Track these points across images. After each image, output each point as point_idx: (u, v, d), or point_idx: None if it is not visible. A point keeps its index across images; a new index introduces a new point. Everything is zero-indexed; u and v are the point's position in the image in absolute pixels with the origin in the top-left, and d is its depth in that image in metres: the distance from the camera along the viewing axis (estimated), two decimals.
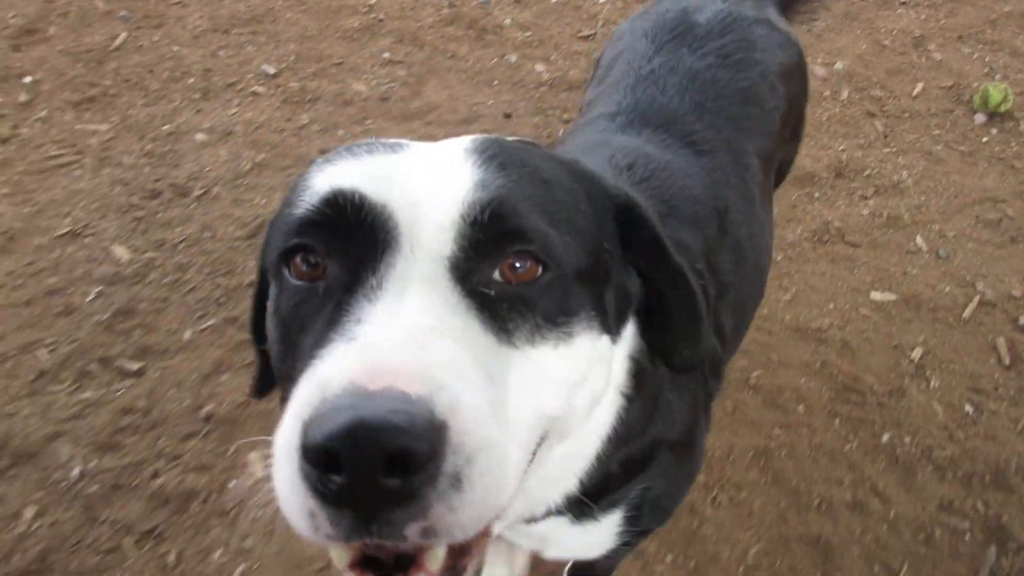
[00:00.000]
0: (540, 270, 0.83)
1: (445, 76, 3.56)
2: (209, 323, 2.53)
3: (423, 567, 0.76)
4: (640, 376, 1.11)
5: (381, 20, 3.82)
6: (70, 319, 2.51)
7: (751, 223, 1.61)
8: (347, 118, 3.32)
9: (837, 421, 2.30)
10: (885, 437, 2.26)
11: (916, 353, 2.49)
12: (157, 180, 3.00)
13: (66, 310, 2.54)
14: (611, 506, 1.23)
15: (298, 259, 0.85)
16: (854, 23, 3.92)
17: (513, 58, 3.66)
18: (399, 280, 0.79)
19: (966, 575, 2.01)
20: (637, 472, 1.21)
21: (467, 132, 3.18)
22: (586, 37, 3.79)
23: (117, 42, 3.57)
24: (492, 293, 0.81)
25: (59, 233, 2.78)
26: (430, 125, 3.31)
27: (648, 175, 1.43)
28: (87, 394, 2.32)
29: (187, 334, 2.49)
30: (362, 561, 0.76)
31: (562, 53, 3.69)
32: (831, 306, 2.62)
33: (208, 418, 2.27)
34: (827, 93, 3.50)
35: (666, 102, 1.60)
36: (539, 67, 3.61)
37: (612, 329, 0.96)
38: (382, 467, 0.63)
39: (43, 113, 3.23)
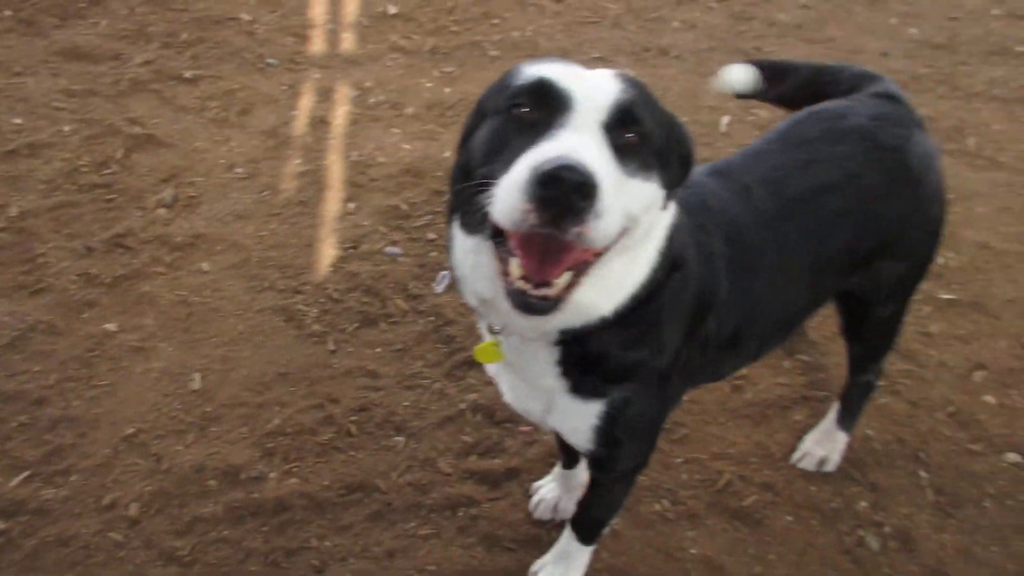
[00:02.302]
0: (642, 141, 1.33)
1: (842, 22, 5.00)
2: None
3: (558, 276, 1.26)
4: (671, 242, 1.53)
5: None
6: None
7: (776, 278, 1.89)
8: (772, 34, 4.85)
9: None
10: None
11: None
12: (648, 44, 4.70)
13: None
14: (596, 394, 1.64)
15: (514, 110, 1.32)
16: None
17: (893, 21, 5.03)
18: (572, 126, 1.26)
19: None
20: (620, 376, 1.63)
21: (854, 60, 4.61)
22: (953, 19, 5.07)
23: None
24: (620, 143, 1.30)
25: (593, 57, 4.54)
26: (829, 51, 4.76)
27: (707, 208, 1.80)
28: None
29: None
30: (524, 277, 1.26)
31: (933, 25, 5.00)
32: None
33: None
34: None
35: (752, 168, 1.93)
36: (913, 30, 4.96)
37: (671, 188, 1.46)
38: (575, 190, 1.11)
39: None
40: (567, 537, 2.25)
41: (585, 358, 1.59)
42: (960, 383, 2.94)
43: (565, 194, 1.11)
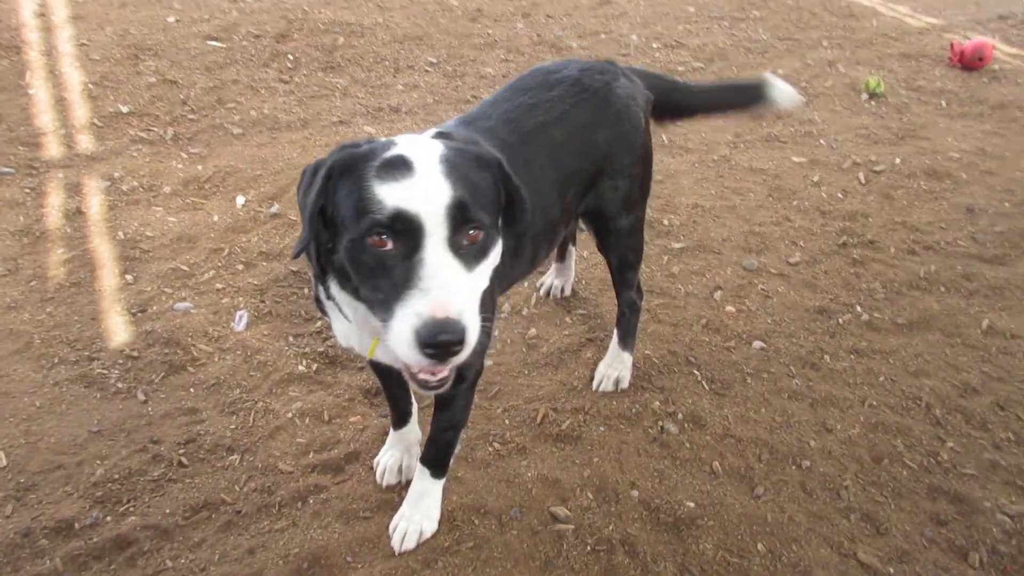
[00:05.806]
0: (481, 235, 1.65)
1: None
2: None
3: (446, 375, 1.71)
4: None
5: (496, 41, 6.09)
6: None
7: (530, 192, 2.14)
8: (483, 86, 5.49)
9: None
10: None
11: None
12: (379, 105, 5.14)
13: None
14: None
15: (373, 242, 1.58)
16: (793, 54, 6.19)
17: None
18: (430, 251, 1.58)
19: None
20: None
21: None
22: (625, 56, 6.04)
23: (339, 42, 5.82)
24: (464, 251, 1.63)
25: (333, 121, 4.90)
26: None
27: None
28: None
29: None
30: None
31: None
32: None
33: None
34: None
35: (491, 115, 2.32)
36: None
37: (512, 225, 1.88)
38: (455, 346, 1.52)
39: (305, 72, 5.43)
40: (419, 477, 2.44)
41: None
42: (705, 303, 3.51)
43: (447, 350, 1.53)
